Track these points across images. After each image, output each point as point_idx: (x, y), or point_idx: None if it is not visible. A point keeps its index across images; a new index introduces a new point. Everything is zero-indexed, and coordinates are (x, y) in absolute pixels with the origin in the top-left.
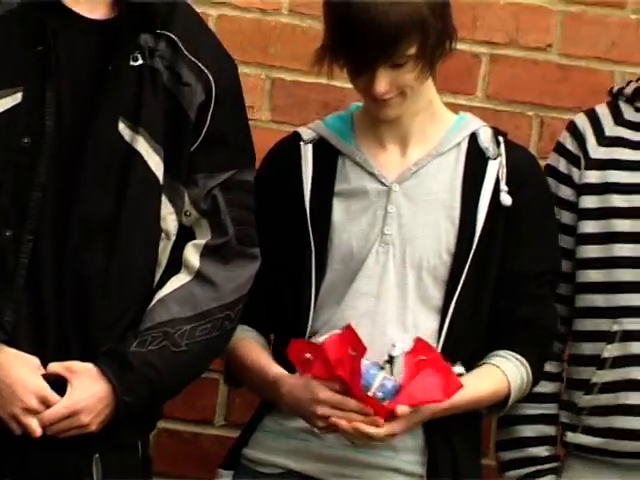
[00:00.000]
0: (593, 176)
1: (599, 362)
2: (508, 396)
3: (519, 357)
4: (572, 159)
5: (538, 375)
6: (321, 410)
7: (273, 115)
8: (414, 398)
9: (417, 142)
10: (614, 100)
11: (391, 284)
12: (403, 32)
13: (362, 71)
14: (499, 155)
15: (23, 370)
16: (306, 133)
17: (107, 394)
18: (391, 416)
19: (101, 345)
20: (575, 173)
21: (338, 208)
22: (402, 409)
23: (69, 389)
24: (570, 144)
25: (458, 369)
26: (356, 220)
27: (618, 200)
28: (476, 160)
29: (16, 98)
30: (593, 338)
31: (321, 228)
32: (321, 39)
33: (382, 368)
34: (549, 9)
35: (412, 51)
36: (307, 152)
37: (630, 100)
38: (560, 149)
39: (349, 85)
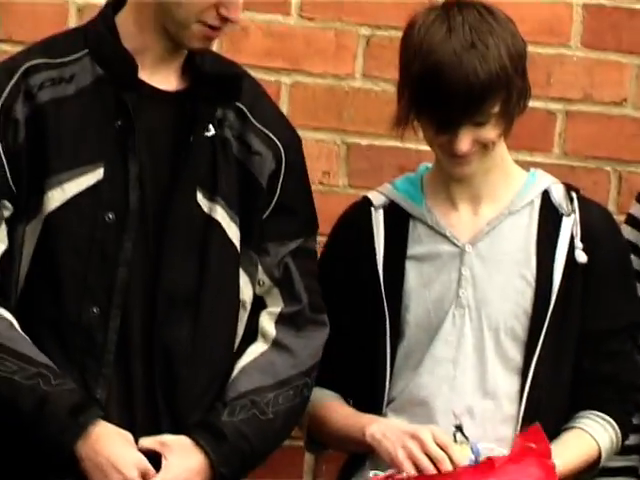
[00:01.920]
0: None
1: None
2: (598, 459)
3: (606, 417)
4: None
5: (626, 431)
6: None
7: (350, 180)
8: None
9: (489, 201)
10: None
11: (469, 348)
12: (491, 90)
13: (445, 130)
14: (573, 212)
15: (121, 443)
16: (376, 198)
17: (203, 467)
18: None
19: (190, 417)
20: None
21: (411, 272)
22: None
23: (164, 463)
24: None
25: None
26: (430, 284)
27: None
28: (550, 217)
29: (98, 174)
30: None
31: (395, 294)
32: (395, 102)
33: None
34: (623, 63)
35: (496, 109)
36: (378, 218)
37: None
38: None
39: (424, 147)
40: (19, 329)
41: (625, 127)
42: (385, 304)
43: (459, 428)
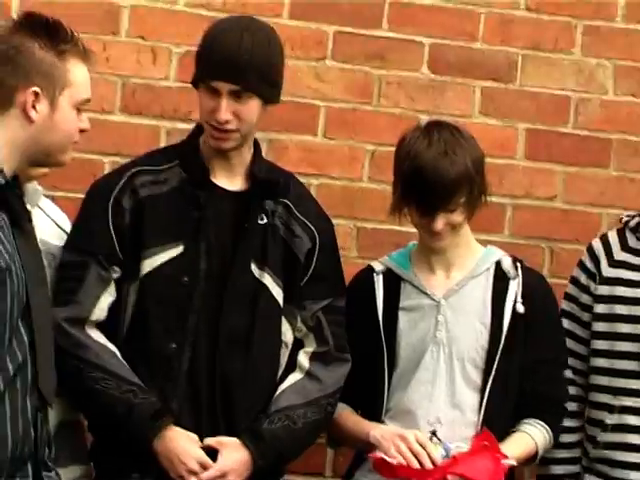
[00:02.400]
0: (604, 290)
1: (603, 426)
2: (537, 452)
3: (541, 423)
4: (590, 275)
5: (557, 433)
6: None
7: (359, 253)
8: (463, 471)
9: (458, 267)
10: (623, 228)
11: (442, 373)
12: (458, 186)
13: (426, 214)
14: (517, 276)
15: (187, 443)
16: (377, 266)
17: (247, 460)
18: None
19: (241, 424)
20: (592, 285)
21: (402, 319)
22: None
23: (219, 456)
24: (589, 263)
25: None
26: (415, 328)
27: (620, 309)
28: (501, 280)
29: (178, 249)
30: (600, 407)
31: (391, 336)
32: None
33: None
34: (553, 170)
35: (462, 200)
36: (379, 280)
37: (633, 230)
38: (581, 266)
39: (413, 230)
40: (120, 357)
41: (555, 216)
42: (384, 343)
43: (434, 432)
